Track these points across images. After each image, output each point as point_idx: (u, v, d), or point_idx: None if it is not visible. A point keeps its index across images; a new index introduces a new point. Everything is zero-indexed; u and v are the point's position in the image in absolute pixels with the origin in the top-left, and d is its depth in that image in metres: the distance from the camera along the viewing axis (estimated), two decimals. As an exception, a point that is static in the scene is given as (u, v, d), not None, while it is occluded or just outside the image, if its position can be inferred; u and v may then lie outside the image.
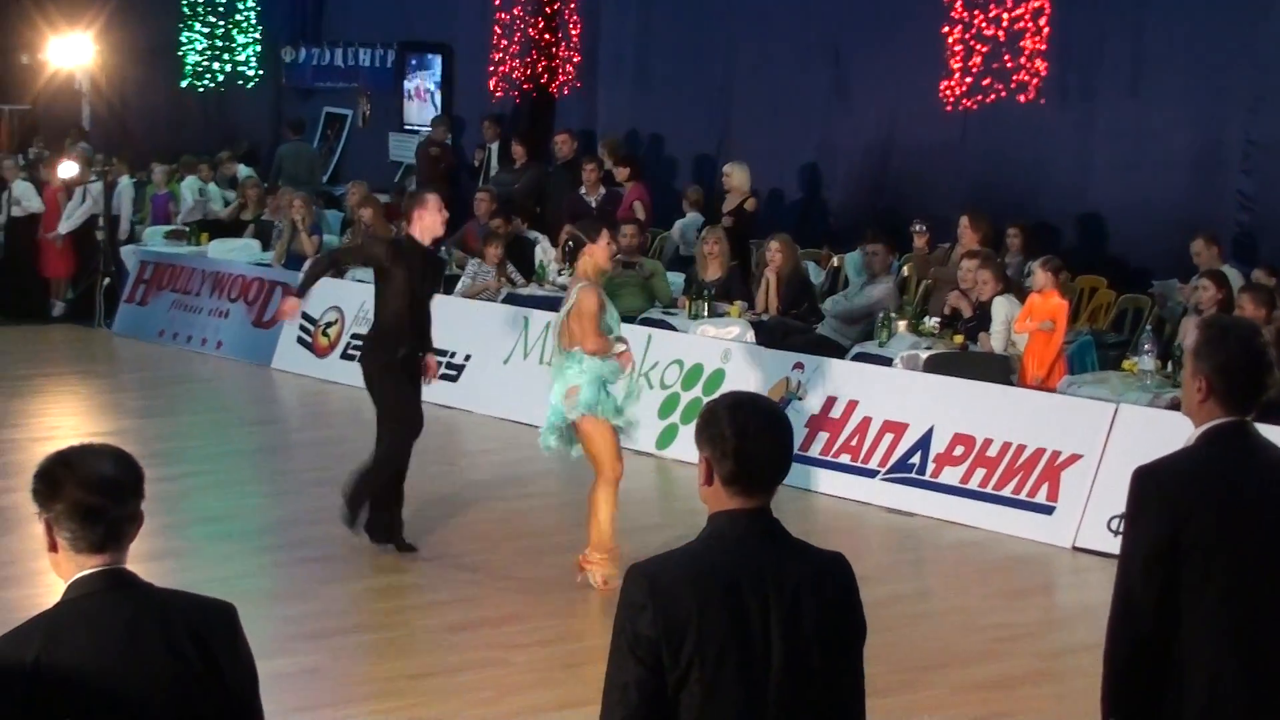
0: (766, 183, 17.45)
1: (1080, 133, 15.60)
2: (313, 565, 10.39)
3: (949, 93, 16.27)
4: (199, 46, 24.79)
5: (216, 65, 24.75)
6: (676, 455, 13.12)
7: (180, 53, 24.83)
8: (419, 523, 11.03)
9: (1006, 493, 11.54)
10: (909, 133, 16.86)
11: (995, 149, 16.14)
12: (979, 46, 16.05)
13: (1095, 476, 11.14)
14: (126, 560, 3.73)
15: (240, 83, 24.80)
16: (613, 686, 3.76)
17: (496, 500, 11.98)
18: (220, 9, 24.66)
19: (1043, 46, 15.67)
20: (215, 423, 15.19)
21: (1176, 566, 4.41)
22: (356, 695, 8.28)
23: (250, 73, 24.76)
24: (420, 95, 22.54)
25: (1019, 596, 10.34)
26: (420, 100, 22.54)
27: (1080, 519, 11.11)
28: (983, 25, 16.02)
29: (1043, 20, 15.65)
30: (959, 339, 13.11)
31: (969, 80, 16.12)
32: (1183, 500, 4.44)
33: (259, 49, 24.70)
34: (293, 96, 24.53)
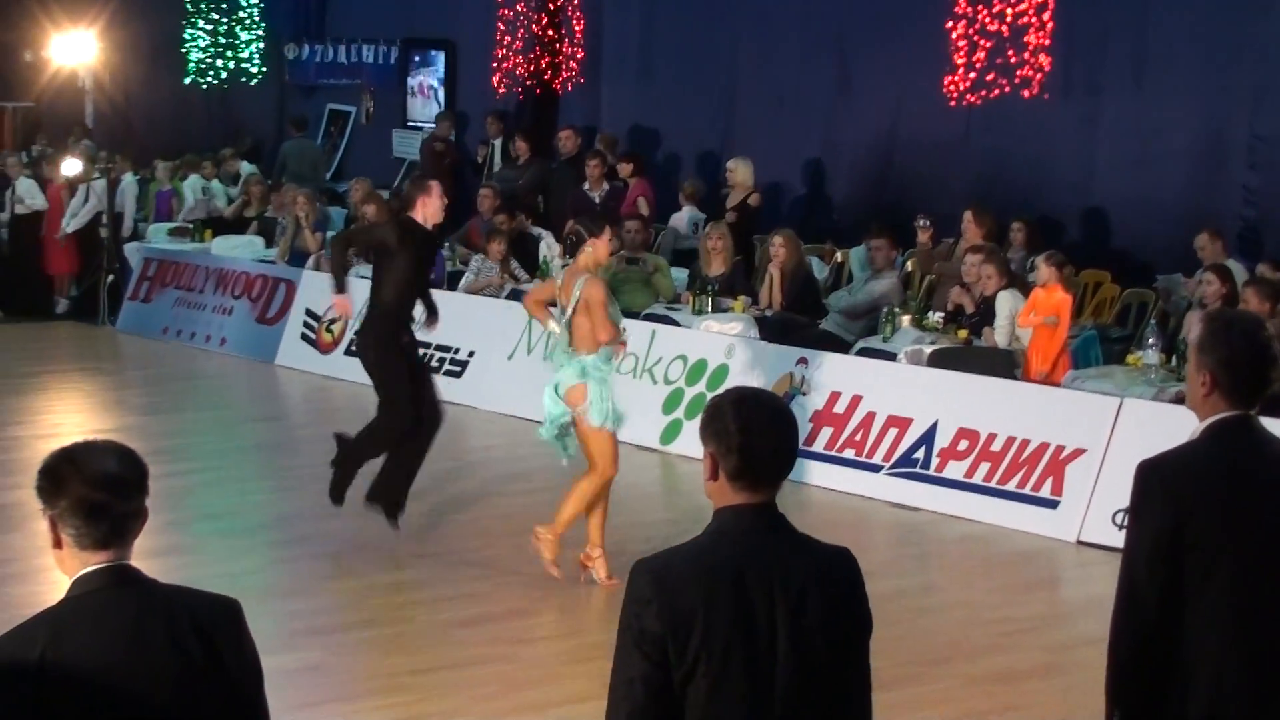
0: (770, 178, 17.43)
1: (1084, 127, 15.59)
2: (317, 561, 10.40)
3: (953, 88, 16.26)
4: (202, 43, 24.78)
5: (220, 62, 24.74)
6: (680, 450, 13.11)
7: (184, 50, 24.82)
8: (423, 519, 11.03)
9: (1011, 487, 11.53)
10: (913, 128, 16.85)
11: (999, 144, 16.13)
12: (983, 41, 16.03)
13: (1100, 471, 11.13)
14: (131, 557, 3.72)
15: (244, 80, 24.79)
16: (619, 682, 3.76)
17: (501, 496, 11.97)
18: (223, 6, 24.64)
19: (1046, 41, 15.65)
20: (219, 419, 15.20)
21: (1180, 560, 4.41)
22: (361, 691, 8.28)
23: (254, 69, 24.75)
24: (423, 92, 22.54)
25: (1024, 591, 10.34)
26: (423, 97, 22.54)
27: (1085, 513, 11.11)
28: (986, 20, 16.01)
29: (1046, 15, 15.63)
30: (963, 334, 13.10)
31: (973, 75, 16.11)
32: (1187, 494, 4.44)
33: (262, 46, 24.69)
34: (296, 93, 24.53)
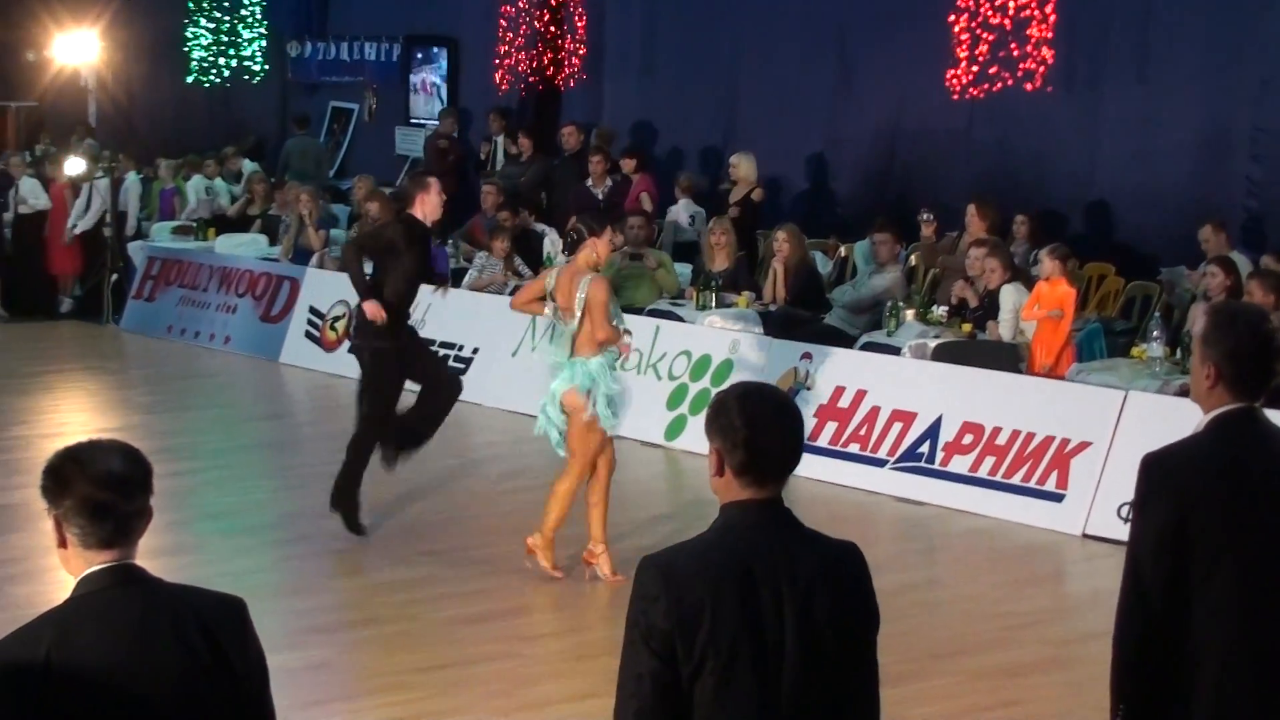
0: (773, 173, 17.42)
1: (1087, 120, 15.57)
2: (322, 559, 10.40)
3: (955, 81, 16.24)
4: (204, 42, 24.77)
5: (222, 60, 24.73)
6: (685, 446, 13.11)
7: (186, 48, 24.82)
8: (428, 516, 11.03)
9: (1016, 481, 11.52)
10: (916, 122, 16.83)
11: (1002, 137, 16.12)
12: (985, 35, 16.02)
13: (1105, 464, 11.13)
14: (136, 556, 3.72)
15: (246, 78, 24.79)
16: (627, 678, 3.75)
17: (505, 493, 11.96)
18: (226, 4, 24.63)
19: (1049, 34, 15.64)
20: (223, 418, 15.20)
21: (1185, 553, 4.40)
22: (367, 689, 8.28)
23: (256, 68, 24.74)
24: (426, 89, 22.53)
25: (1029, 584, 10.34)
26: (426, 94, 22.52)
27: (1090, 506, 11.10)
28: (989, 13, 15.99)
29: (1049, 8, 15.62)
30: (967, 328, 13.09)
31: (975, 69, 16.10)
32: (1191, 487, 4.43)
33: (264, 44, 24.68)
34: (298, 91, 24.53)
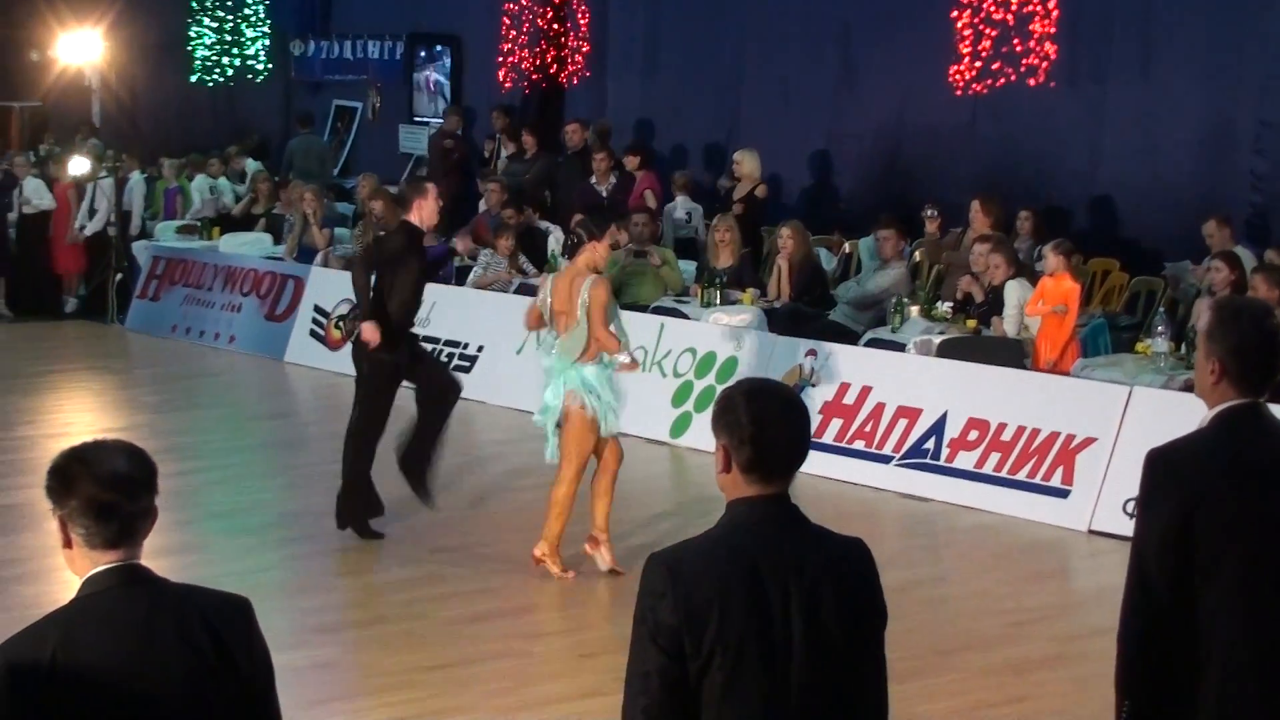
0: (777, 169, 17.42)
1: (1091, 115, 15.56)
2: (327, 558, 10.40)
3: (958, 77, 16.24)
4: (208, 41, 24.78)
5: (225, 60, 24.74)
6: (690, 443, 13.12)
7: (189, 47, 24.83)
8: (432, 514, 11.02)
9: (1021, 477, 11.52)
10: (919, 118, 16.83)
11: (1006, 133, 16.11)
12: (988, 30, 16.01)
13: (1110, 459, 11.12)
14: (141, 556, 3.72)
15: (249, 77, 24.80)
16: (634, 675, 3.74)
17: (511, 491, 11.97)
18: (229, 3, 24.64)
19: (1052, 29, 15.63)
20: (228, 417, 15.21)
21: (1190, 549, 4.39)
22: (373, 687, 8.27)
23: (259, 67, 24.74)
24: (429, 87, 22.53)
25: (1035, 580, 10.33)
26: (430, 92, 22.53)
27: (1095, 502, 11.10)
28: (991, 9, 15.98)
29: (1051, 3, 15.61)
30: (972, 324, 13.09)
31: (978, 64, 16.09)
32: (1196, 483, 4.42)
33: (268, 43, 24.69)
34: (302, 90, 24.53)
